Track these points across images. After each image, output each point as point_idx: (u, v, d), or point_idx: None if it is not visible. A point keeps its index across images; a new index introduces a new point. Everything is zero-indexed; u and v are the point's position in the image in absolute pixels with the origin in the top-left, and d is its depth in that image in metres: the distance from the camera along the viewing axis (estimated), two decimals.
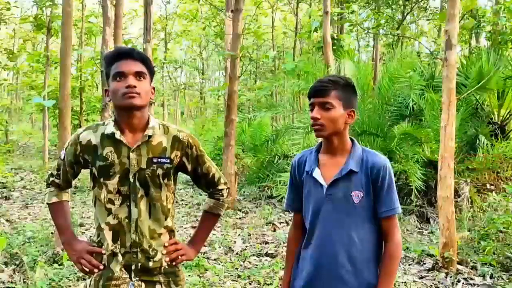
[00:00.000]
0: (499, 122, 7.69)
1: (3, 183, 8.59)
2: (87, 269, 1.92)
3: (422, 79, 7.99)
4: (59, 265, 4.29)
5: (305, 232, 2.00)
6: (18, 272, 4.12)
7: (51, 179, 2.07)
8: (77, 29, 12.92)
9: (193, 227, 6.02)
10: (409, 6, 14.48)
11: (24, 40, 15.64)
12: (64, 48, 4.88)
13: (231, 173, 7.37)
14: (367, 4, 14.28)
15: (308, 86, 8.05)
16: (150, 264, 1.92)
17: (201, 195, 8.19)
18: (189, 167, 2.02)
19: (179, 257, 1.99)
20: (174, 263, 1.98)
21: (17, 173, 10.06)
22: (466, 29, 10.29)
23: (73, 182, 2.13)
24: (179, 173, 2.08)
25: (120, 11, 6.90)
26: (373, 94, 8.49)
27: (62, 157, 2.02)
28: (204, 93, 26.75)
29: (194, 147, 2.01)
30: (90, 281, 1.93)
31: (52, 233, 5.17)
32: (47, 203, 2.07)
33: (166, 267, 1.95)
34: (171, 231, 2.00)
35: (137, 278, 1.91)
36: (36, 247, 4.75)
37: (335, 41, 10.60)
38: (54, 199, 2.06)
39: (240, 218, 6.83)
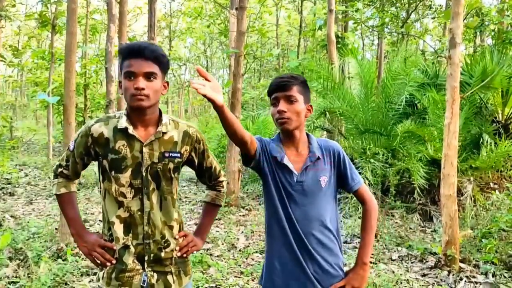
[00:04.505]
0: (503, 121, 7.67)
1: (7, 179, 8.63)
2: (99, 262, 1.95)
3: (426, 78, 7.98)
4: (63, 260, 4.33)
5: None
6: (22, 267, 4.15)
7: (60, 169, 2.05)
8: (81, 26, 12.96)
9: (196, 224, 6.03)
10: (414, 4, 14.43)
11: (29, 37, 15.68)
12: (69, 45, 4.90)
13: (235, 170, 7.38)
14: (371, 3, 14.24)
15: (312, 84, 8.13)
16: (162, 254, 1.96)
17: (204, 192, 8.20)
18: (196, 161, 2.09)
19: (190, 248, 2.06)
20: (185, 255, 2.04)
21: (22, 170, 10.09)
22: (471, 27, 10.26)
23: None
24: (182, 170, 2.10)
25: (125, 8, 6.93)
26: (377, 92, 8.49)
27: (71, 148, 2.01)
28: None
29: (201, 142, 2.07)
30: (103, 273, 1.95)
31: (56, 228, 5.21)
32: (56, 194, 2.05)
33: (177, 257, 2.01)
34: (180, 223, 2.06)
35: (150, 269, 1.94)
36: (41, 242, 4.79)
37: (340, 39, 10.56)
38: (63, 190, 2.04)
39: (243, 215, 6.85)
